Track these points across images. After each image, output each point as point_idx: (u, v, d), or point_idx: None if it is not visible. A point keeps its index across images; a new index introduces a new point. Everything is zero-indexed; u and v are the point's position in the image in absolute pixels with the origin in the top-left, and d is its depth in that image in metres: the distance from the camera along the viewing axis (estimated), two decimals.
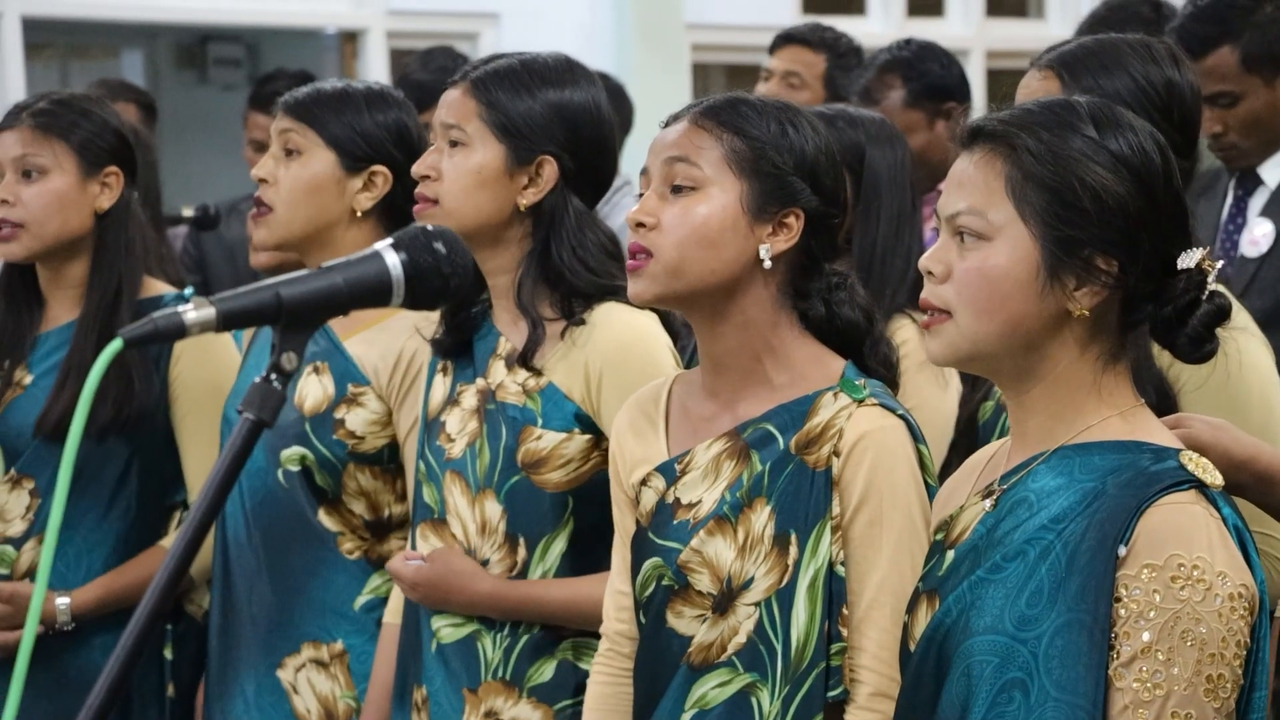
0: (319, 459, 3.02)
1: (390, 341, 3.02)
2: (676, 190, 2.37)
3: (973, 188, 1.99)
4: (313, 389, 3.04)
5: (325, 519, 3.04)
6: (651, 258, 2.36)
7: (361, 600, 3.05)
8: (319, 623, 3.06)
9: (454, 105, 2.77)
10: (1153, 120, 2.57)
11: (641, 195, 2.41)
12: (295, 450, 3.02)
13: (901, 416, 2.35)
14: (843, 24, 5.73)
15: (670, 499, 2.41)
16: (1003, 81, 9.21)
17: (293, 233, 3.05)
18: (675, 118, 2.43)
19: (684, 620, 2.38)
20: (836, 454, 2.32)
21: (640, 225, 2.37)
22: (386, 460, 3.03)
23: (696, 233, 2.34)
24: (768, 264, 2.36)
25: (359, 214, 3.06)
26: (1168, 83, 2.65)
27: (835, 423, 2.33)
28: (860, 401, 2.34)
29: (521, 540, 2.74)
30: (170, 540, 3.35)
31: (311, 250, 3.06)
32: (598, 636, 2.62)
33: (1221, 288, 2.04)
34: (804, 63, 5.23)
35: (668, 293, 2.37)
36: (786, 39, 5.29)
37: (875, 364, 2.43)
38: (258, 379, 1.75)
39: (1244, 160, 3.93)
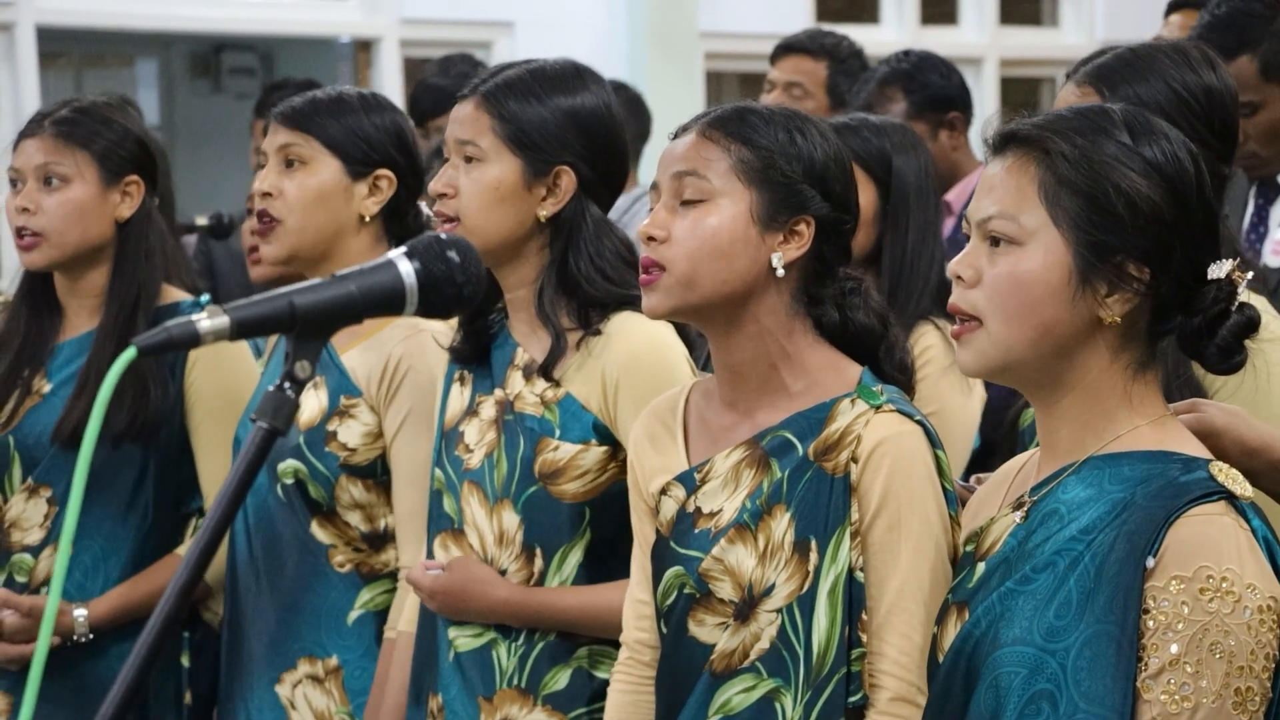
0: (312, 472, 3.01)
1: (380, 350, 3.01)
2: (686, 204, 2.37)
3: (1005, 192, 1.98)
4: (309, 402, 3.03)
5: (319, 531, 3.04)
6: (664, 271, 2.36)
7: (354, 615, 3.05)
8: (314, 637, 3.05)
9: (467, 121, 2.76)
10: (1193, 127, 2.56)
11: (652, 209, 2.41)
12: (290, 464, 3.02)
13: (919, 422, 2.34)
14: (856, 33, 5.73)
15: (691, 508, 2.41)
16: (1017, 89, 9.22)
17: (304, 242, 3.04)
18: (683, 130, 2.42)
19: (705, 628, 2.38)
20: (855, 460, 2.31)
21: (651, 239, 2.37)
22: (379, 473, 3.02)
23: (707, 244, 2.34)
24: (780, 272, 2.36)
25: (366, 219, 3.06)
26: (1206, 89, 2.64)
27: (853, 429, 2.33)
28: (878, 408, 2.34)
29: (539, 551, 2.73)
30: (185, 548, 3.35)
31: (318, 261, 3.04)
32: (613, 645, 2.61)
33: (1256, 299, 2.03)
34: (806, 71, 5.22)
35: (682, 305, 2.37)
36: (786, 49, 5.27)
37: (891, 369, 2.42)
38: (271, 387, 1.74)
39: (1264, 169, 3.92)
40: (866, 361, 2.42)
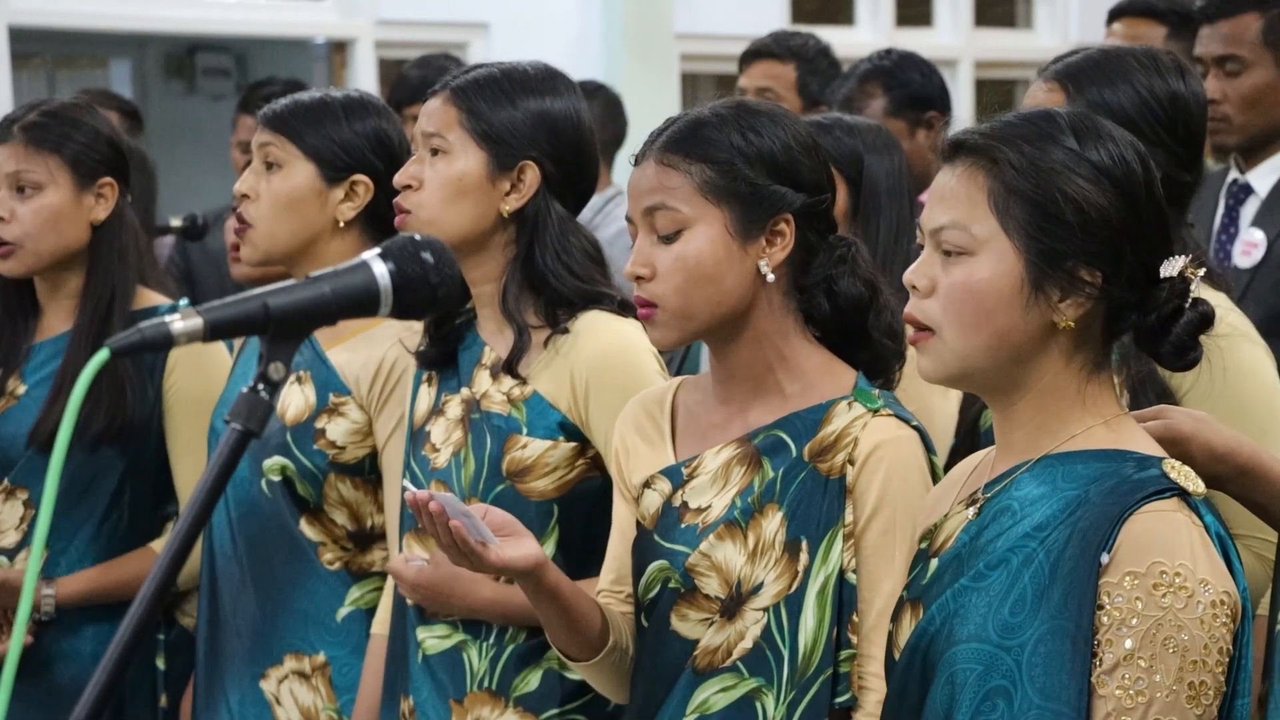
0: (300, 469, 3.01)
1: (372, 350, 3.01)
2: (663, 237, 2.37)
3: (955, 201, 2.00)
4: (295, 399, 3.03)
5: (307, 529, 3.04)
6: (657, 308, 2.37)
7: (343, 612, 3.05)
8: (301, 634, 3.05)
9: (435, 114, 2.77)
10: (1156, 134, 2.57)
11: (633, 241, 2.41)
12: (277, 460, 3.02)
13: (915, 427, 2.36)
14: (831, 34, 5.74)
15: (677, 502, 2.42)
16: (991, 91, 9.24)
17: (276, 247, 3.05)
18: (642, 156, 2.42)
19: (688, 623, 2.39)
20: (851, 462, 2.33)
21: (639, 279, 2.38)
22: (367, 471, 3.02)
23: (694, 275, 2.35)
24: (770, 277, 2.37)
25: (342, 224, 3.06)
26: (1172, 95, 2.64)
27: (850, 431, 2.34)
28: (875, 411, 2.35)
29: None
30: (159, 543, 3.35)
31: (297, 264, 3.05)
32: None
33: (1213, 295, 2.04)
34: (774, 76, 5.24)
35: (686, 335, 2.39)
36: (754, 55, 5.29)
37: (878, 334, 2.42)
38: (245, 389, 1.74)
39: (1231, 137, 3.90)
40: (858, 332, 2.41)
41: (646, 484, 2.45)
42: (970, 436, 2.77)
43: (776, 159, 2.37)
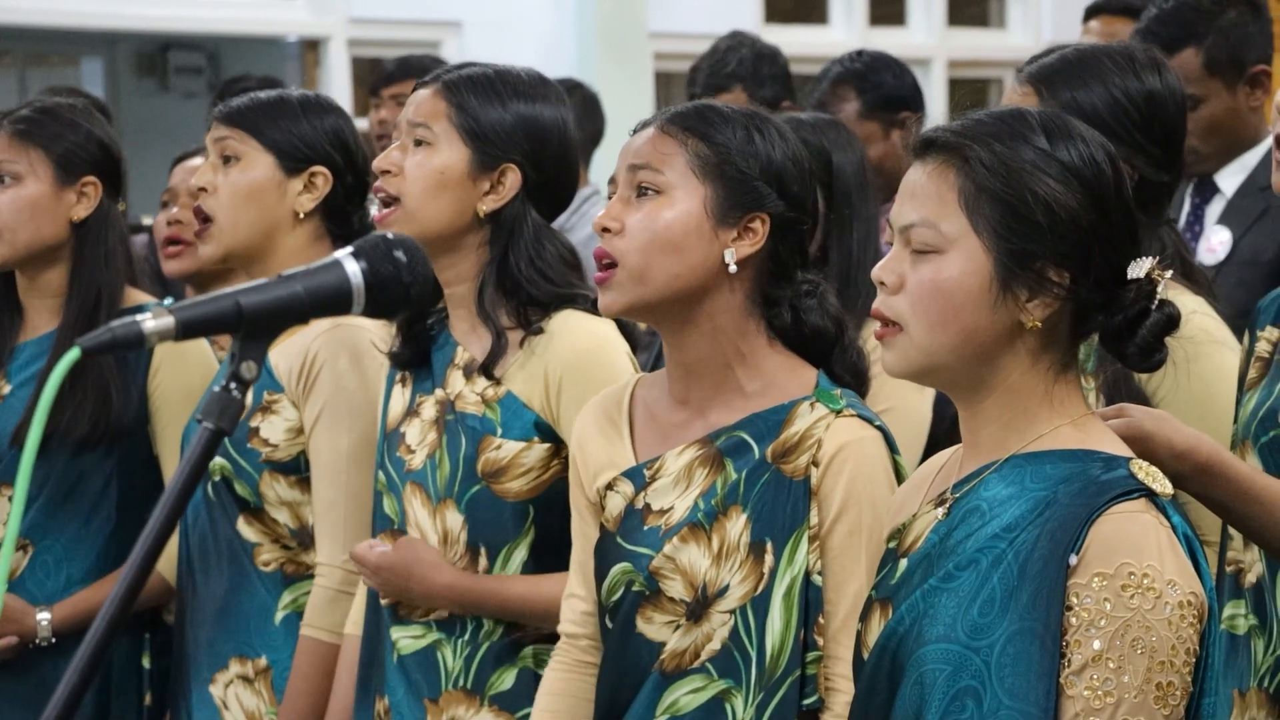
0: (236, 469, 3.01)
1: (301, 345, 3.01)
2: (642, 194, 2.38)
3: (925, 199, 2.00)
4: None
5: (245, 529, 3.04)
6: (616, 267, 2.36)
7: (280, 615, 3.05)
8: (244, 637, 3.06)
9: (423, 104, 2.77)
10: (1130, 135, 2.56)
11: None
12: (216, 461, 3.02)
13: (879, 427, 2.36)
14: (804, 34, 5.75)
15: (640, 504, 2.42)
16: (965, 91, 9.26)
17: (238, 241, 3.04)
18: (644, 124, 2.44)
19: (654, 626, 2.39)
20: (815, 464, 2.33)
21: (606, 230, 2.38)
22: (303, 469, 3.02)
23: (659, 237, 2.36)
24: (733, 268, 2.37)
25: (301, 215, 3.06)
26: (1147, 95, 2.61)
27: (813, 433, 2.34)
28: (838, 412, 2.35)
29: (483, 550, 2.73)
30: None
31: (256, 258, 3.06)
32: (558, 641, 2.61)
33: (1192, 298, 2.03)
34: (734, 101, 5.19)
35: (637, 301, 2.38)
36: (719, 89, 5.17)
37: (843, 371, 2.43)
38: (217, 388, 1.74)
39: (1202, 166, 3.93)
40: (820, 364, 2.43)
41: (609, 486, 2.45)
42: (953, 432, 2.77)
43: (771, 162, 2.39)
